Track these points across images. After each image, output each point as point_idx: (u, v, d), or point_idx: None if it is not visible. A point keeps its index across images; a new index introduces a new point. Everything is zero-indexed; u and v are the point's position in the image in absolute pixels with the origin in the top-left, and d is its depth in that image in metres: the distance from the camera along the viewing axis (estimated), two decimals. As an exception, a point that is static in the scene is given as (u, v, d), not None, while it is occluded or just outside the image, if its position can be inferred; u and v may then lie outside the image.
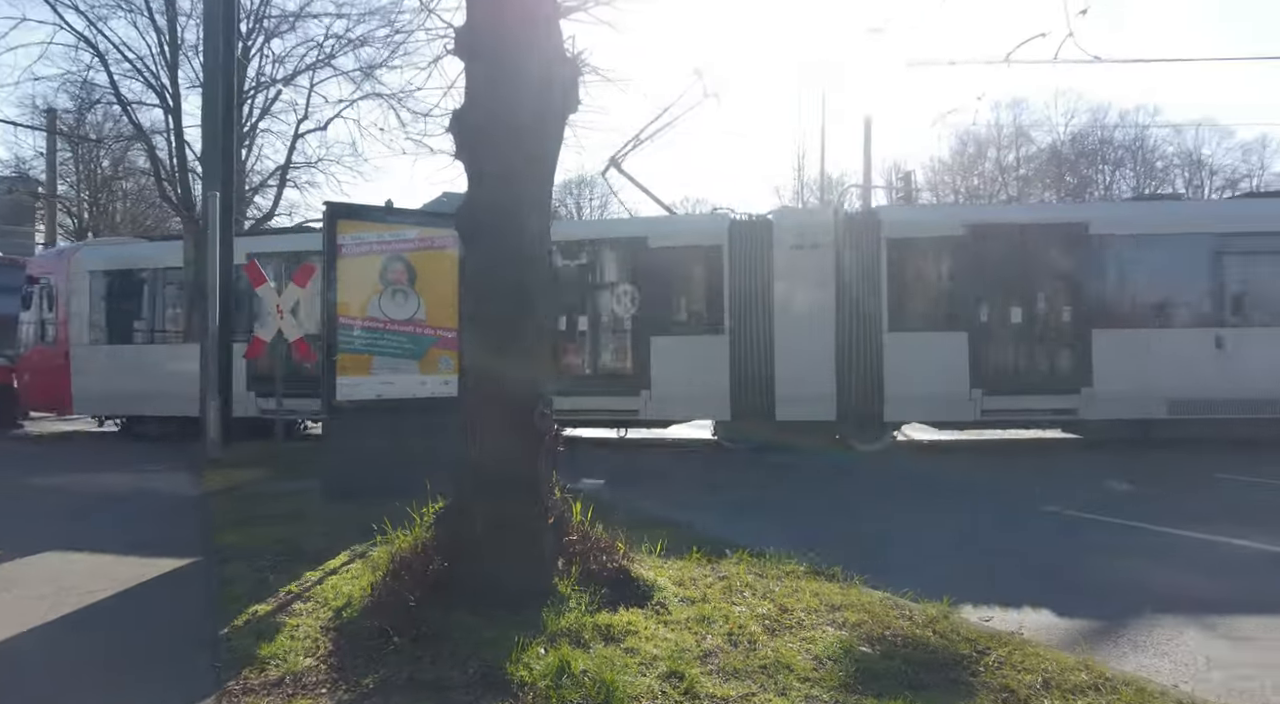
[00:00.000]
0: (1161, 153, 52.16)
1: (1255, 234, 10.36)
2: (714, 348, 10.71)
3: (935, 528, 6.69)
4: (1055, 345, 10.47)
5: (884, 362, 10.46)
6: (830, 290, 10.57)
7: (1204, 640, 4.00)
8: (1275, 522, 6.61)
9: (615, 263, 11.28)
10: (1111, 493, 8.01)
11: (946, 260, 10.81)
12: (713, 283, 10.91)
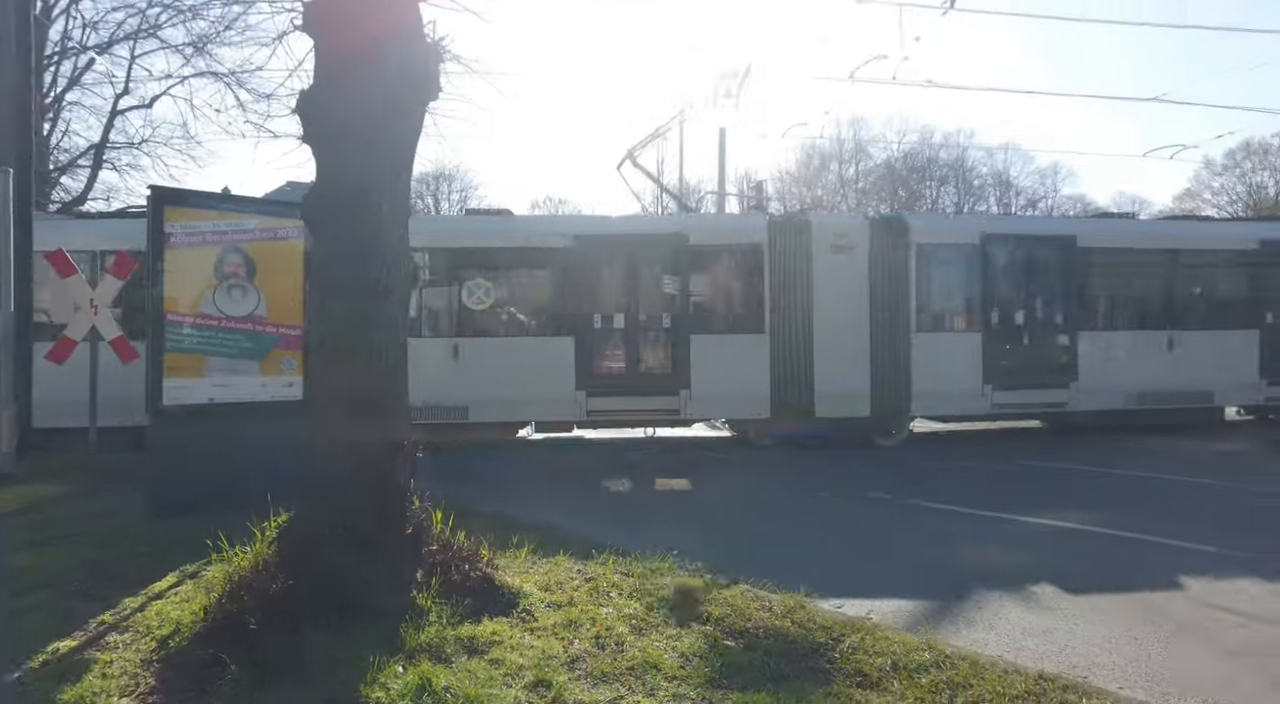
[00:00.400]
0: (978, 172, 58.00)
1: (1201, 251, 12.22)
2: (754, 347, 10.78)
3: (787, 515, 7.02)
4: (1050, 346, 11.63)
5: (911, 360, 10.91)
6: (865, 292, 10.89)
7: (1020, 612, 4.44)
8: (1078, 503, 7.48)
9: (654, 260, 11.08)
10: (942, 481, 8.76)
11: (964, 266, 11.40)
12: (753, 281, 10.93)
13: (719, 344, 10.78)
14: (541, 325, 10.90)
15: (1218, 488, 8.15)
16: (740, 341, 10.82)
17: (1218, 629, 4.17)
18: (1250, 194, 53.40)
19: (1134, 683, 3.51)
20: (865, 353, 10.92)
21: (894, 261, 11.00)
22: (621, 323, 10.81)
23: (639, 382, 10.84)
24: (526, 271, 11.16)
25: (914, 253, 11.06)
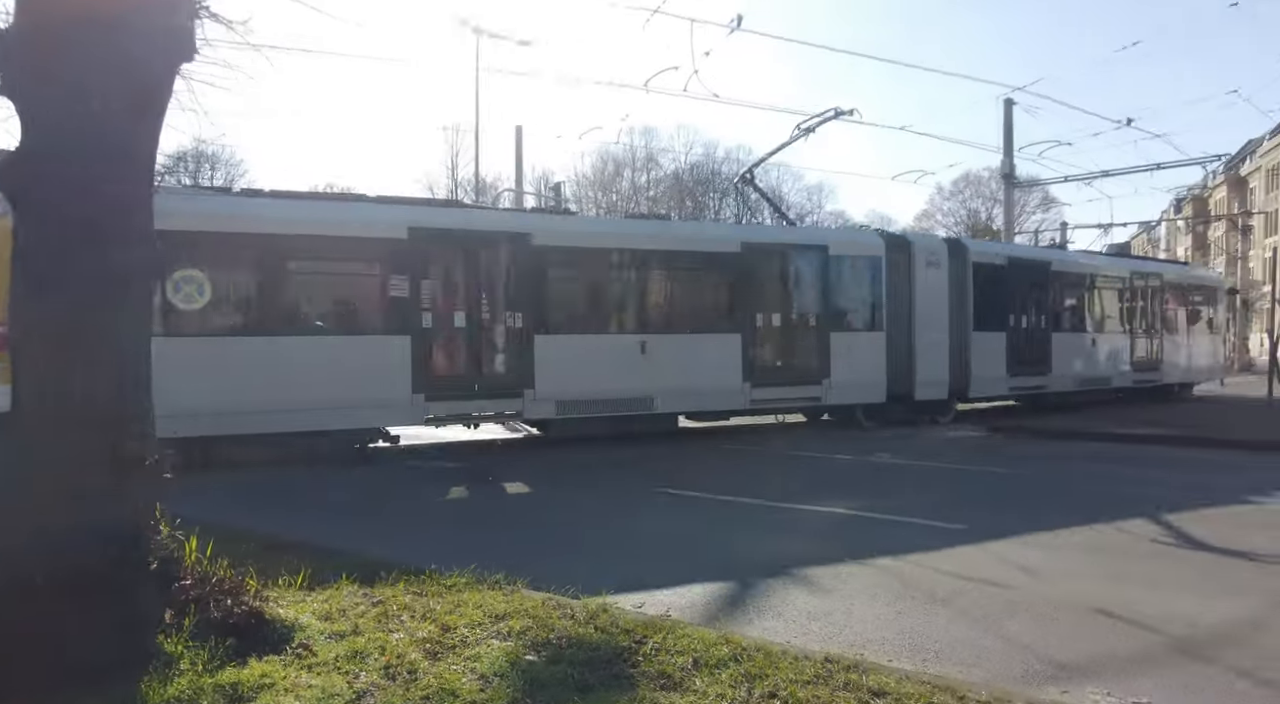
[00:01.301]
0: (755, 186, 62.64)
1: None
2: (875, 343, 13.33)
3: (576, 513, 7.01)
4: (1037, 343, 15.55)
5: (970, 354, 14.21)
6: (945, 299, 13.98)
7: (805, 597, 4.74)
8: (832, 489, 8.24)
9: (801, 267, 13.14)
10: (707, 473, 9.24)
11: (995, 281, 14.84)
12: (874, 288, 13.44)
13: (850, 341, 13.16)
14: (712, 324, 12.41)
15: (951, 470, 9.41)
16: (864, 338, 13.37)
17: (965, 598, 4.74)
18: (969, 217, 62.94)
19: (900, 654, 3.86)
20: (945, 348, 14.02)
21: (958, 276, 14.23)
22: (778, 322, 12.85)
23: (792, 373, 12.98)
24: (702, 274, 12.62)
25: (971, 270, 14.40)
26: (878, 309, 13.47)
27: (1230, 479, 8.70)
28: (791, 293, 13.16)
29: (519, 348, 10.78)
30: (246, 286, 9.80)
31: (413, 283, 10.14)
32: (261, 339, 9.45)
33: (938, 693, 3.17)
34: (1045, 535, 6.19)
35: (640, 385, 11.47)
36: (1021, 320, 15.24)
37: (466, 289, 10.72)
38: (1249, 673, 3.66)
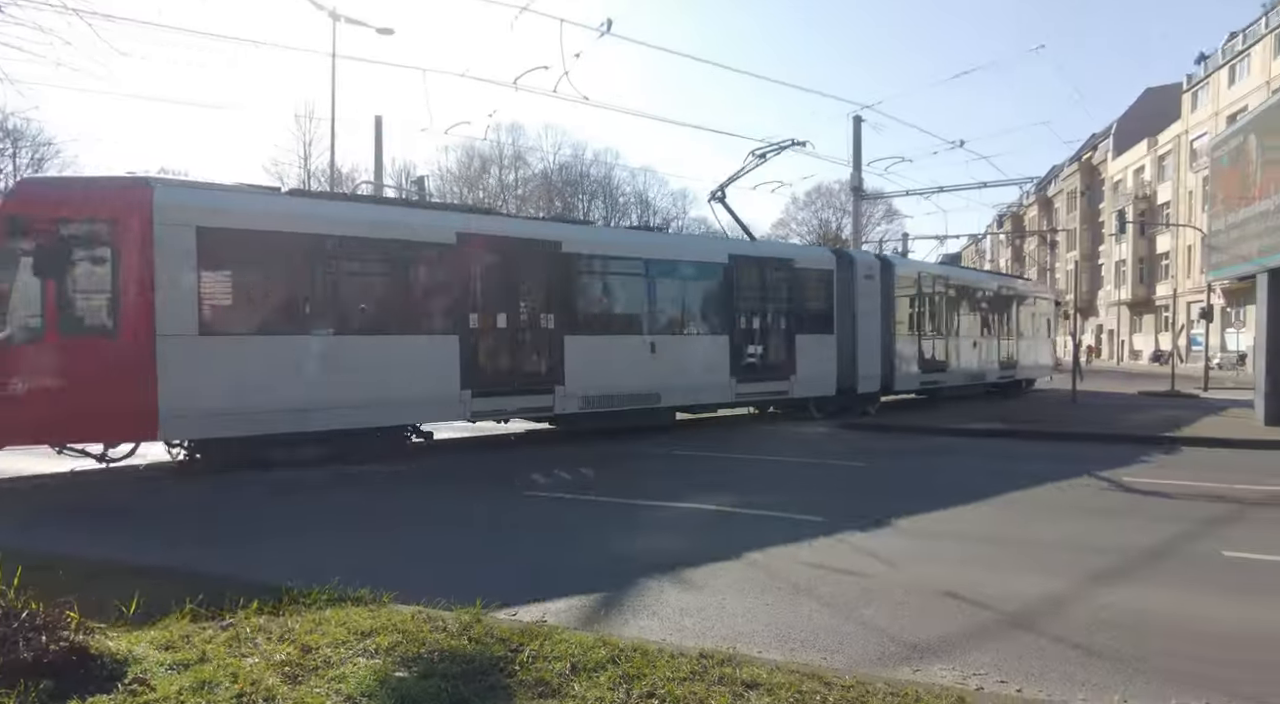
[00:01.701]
0: (622, 190, 63.45)
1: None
2: (828, 344, 15.40)
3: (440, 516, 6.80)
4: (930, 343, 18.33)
5: (895, 354, 16.72)
6: (878, 307, 16.35)
7: (678, 594, 4.83)
8: (704, 487, 8.48)
9: (774, 278, 14.85)
10: (581, 476, 9.28)
11: (910, 292, 17.71)
12: (827, 297, 15.55)
13: (809, 342, 15.06)
14: (706, 327, 13.85)
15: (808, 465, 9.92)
16: (819, 340, 15.26)
17: (826, 587, 5.00)
18: (821, 227, 66.75)
19: (770, 645, 4.02)
20: (878, 349, 16.26)
21: (887, 288, 16.66)
22: (758, 325, 14.56)
23: (769, 371, 14.58)
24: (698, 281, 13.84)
25: (896, 282, 17.00)
26: (829, 315, 15.62)
27: (1052, 466, 9.73)
28: (768, 300, 14.82)
29: (551, 347, 11.64)
30: (298, 286, 9.68)
31: (460, 286, 10.79)
32: (325, 339, 9.59)
33: (806, 680, 3.32)
34: (895, 524, 6.65)
35: (650, 382, 12.65)
36: (928, 326, 18.23)
37: (506, 292, 11.34)
38: (1062, 638, 4.10)
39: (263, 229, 9.28)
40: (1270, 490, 8.32)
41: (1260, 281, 13.69)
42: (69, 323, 8.43)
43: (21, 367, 8.14)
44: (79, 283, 8.61)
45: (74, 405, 8.10)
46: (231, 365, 8.90)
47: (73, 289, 8.54)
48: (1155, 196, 49.59)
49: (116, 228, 8.54)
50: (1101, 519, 7.00)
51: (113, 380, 8.35)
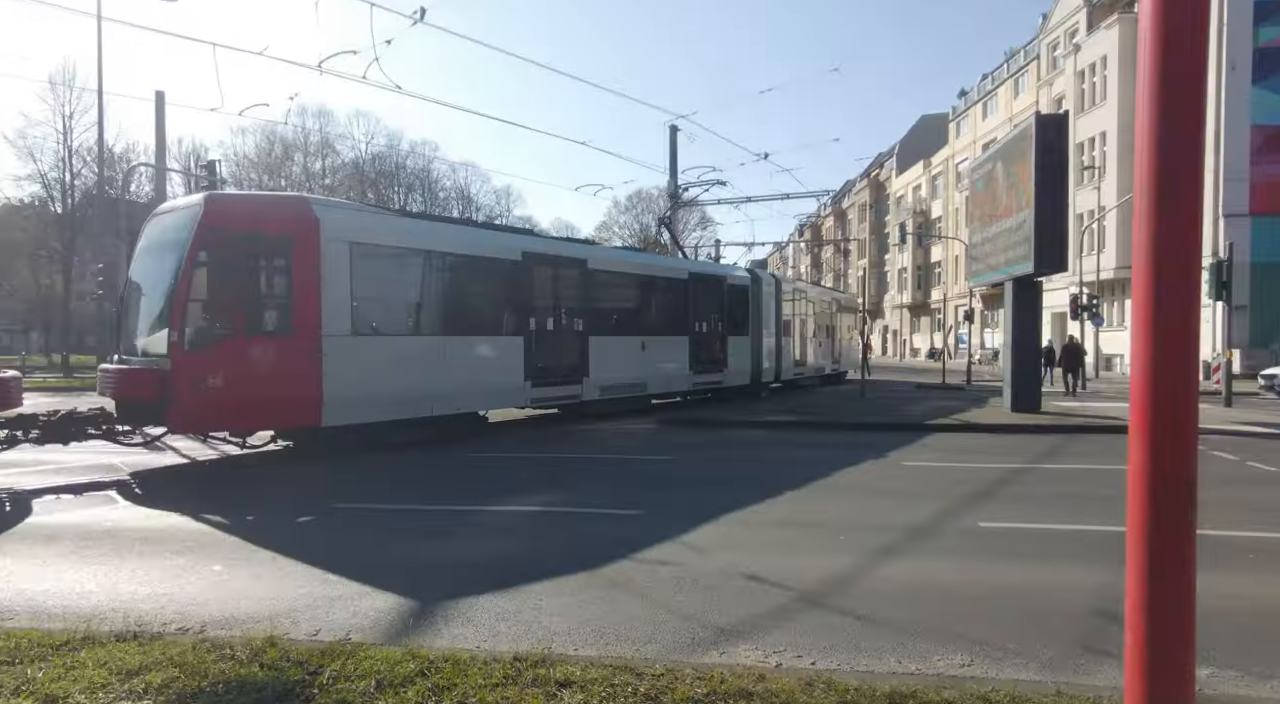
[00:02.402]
0: (442, 185, 61.43)
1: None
2: (745, 343, 19.66)
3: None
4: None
5: (762, 350, 20.38)
6: (773, 314, 21.00)
7: (493, 599, 4.73)
8: (521, 488, 8.42)
9: (714, 290, 18.80)
10: (387, 483, 8.90)
11: (787, 302, 22.10)
12: (745, 305, 19.82)
13: (736, 342, 19.37)
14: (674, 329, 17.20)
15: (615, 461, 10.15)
16: (743, 340, 19.62)
17: (641, 579, 5.13)
18: (641, 231, 68.65)
19: (586, 642, 4.05)
20: (775, 347, 21.19)
21: (777, 297, 21.27)
22: (704, 328, 18.28)
23: (712, 365, 18.49)
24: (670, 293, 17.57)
25: (778, 293, 21.27)
26: (748, 321, 19.71)
27: (843, 453, 10.67)
28: (711, 309, 18.48)
29: (581, 346, 14.35)
30: (416, 294, 11.71)
31: (524, 295, 13.24)
32: (429, 339, 11.59)
33: (619, 673, 3.38)
34: (706, 514, 6.97)
35: (640, 374, 15.88)
36: (796, 329, 22.87)
37: (553, 300, 13.96)
38: (849, 611, 4.51)
39: (394, 244, 11.28)
40: (1015, 468, 9.69)
41: (1007, 288, 15.93)
42: (253, 323, 9.69)
43: (217, 363, 9.16)
44: (261, 288, 9.94)
45: (258, 396, 9.41)
46: (373, 361, 10.56)
47: (257, 293, 9.86)
48: (930, 212, 56.11)
49: (293, 242, 9.84)
50: (884, 499, 7.79)
51: (288, 374, 9.65)
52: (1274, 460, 10.10)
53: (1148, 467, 1.15)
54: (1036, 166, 14.06)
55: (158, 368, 9.00)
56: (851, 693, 3.27)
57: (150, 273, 9.84)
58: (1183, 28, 0.96)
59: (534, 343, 13.23)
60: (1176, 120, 0.95)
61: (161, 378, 8.89)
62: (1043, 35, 41.32)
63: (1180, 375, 1.05)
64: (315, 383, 9.82)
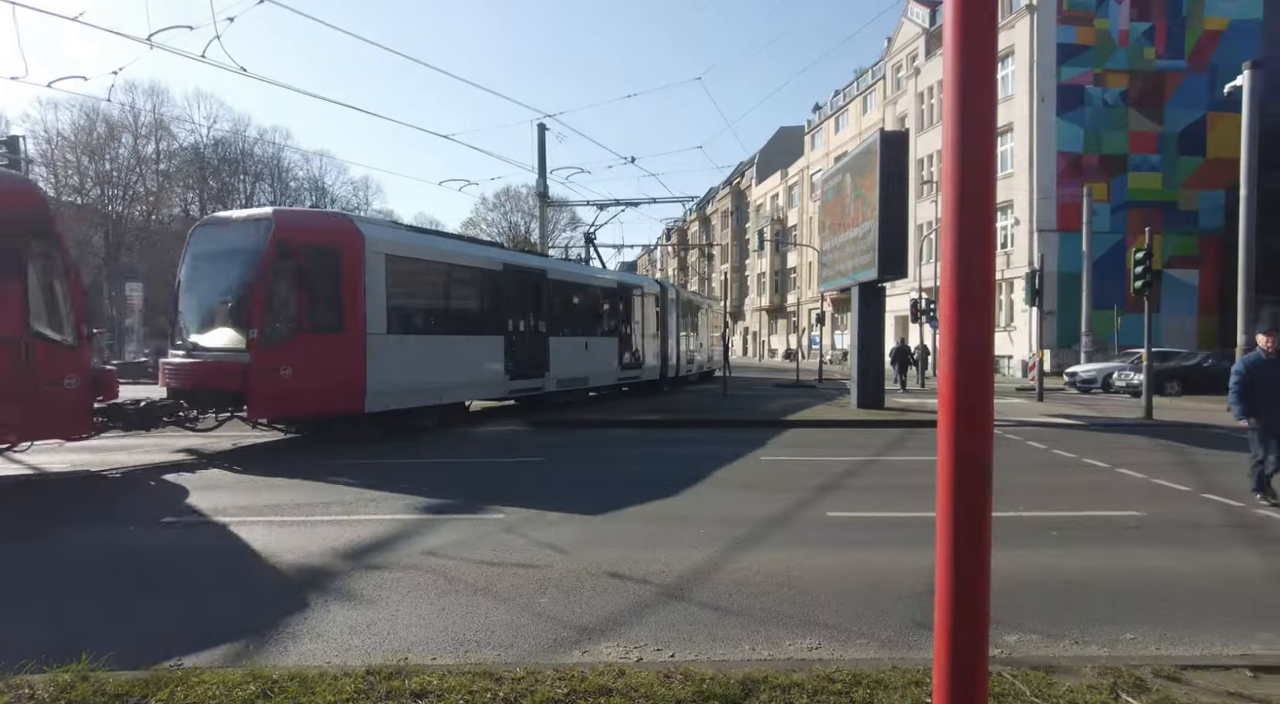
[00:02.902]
0: (294, 175, 57.77)
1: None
2: (658, 343, 22.94)
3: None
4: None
5: (667, 350, 23.53)
6: (674, 318, 24.27)
7: (346, 611, 4.51)
8: (380, 496, 8.07)
9: (637, 298, 21.74)
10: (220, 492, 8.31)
11: (677, 307, 24.89)
12: (657, 312, 22.97)
13: (652, 342, 22.37)
14: (607, 331, 19.93)
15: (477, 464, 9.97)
16: (656, 341, 22.71)
17: (504, 583, 5.05)
18: (510, 229, 67.73)
19: (445, 650, 3.94)
20: (673, 345, 24.04)
21: (673, 304, 24.20)
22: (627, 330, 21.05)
23: (634, 362, 21.35)
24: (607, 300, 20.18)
25: (673, 299, 24.27)
26: (660, 324, 22.93)
27: (704, 449, 11.00)
28: (634, 313, 21.25)
29: (544, 345, 16.45)
30: (431, 299, 13.86)
31: (504, 300, 15.19)
32: (440, 337, 13.58)
33: (477, 680, 3.32)
34: (571, 514, 6.98)
35: (585, 370, 18.21)
36: (684, 329, 25.39)
37: (523, 305, 15.77)
38: (708, 603, 4.67)
39: (417, 257, 13.19)
40: (861, 460, 10.39)
41: (854, 293, 17.05)
42: (314, 323, 11.18)
43: (288, 357, 10.69)
44: (320, 292, 11.31)
45: (318, 386, 11.00)
46: (402, 356, 12.32)
47: (317, 297, 11.25)
48: (787, 219, 59.04)
49: (343, 253, 11.52)
50: (743, 493, 8.11)
51: (340, 366, 11.36)
52: (1075, 448, 11.42)
53: (952, 452, 1.28)
54: (880, 180, 15.14)
55: (239, 361, 10.43)
56: (708, 682, 3.38)
57: (215, 276, 11.12)
58: (977, 63, 1.08)
59: (512, 342, 15.31)
60: (974, 143, 1.06)
61: (244, 369, 10.36)
62: (887, 58, 44.58)
63: (977, 370, 1.18)
64: (361, 374, 11.61)
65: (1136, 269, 15.73)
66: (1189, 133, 32.22)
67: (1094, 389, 23.76)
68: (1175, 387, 21.75)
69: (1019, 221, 32.37)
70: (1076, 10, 31.72)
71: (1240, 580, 5.21)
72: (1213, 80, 30.81)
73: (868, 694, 3.29)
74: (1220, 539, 6.31)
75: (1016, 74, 32.61)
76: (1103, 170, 31.69)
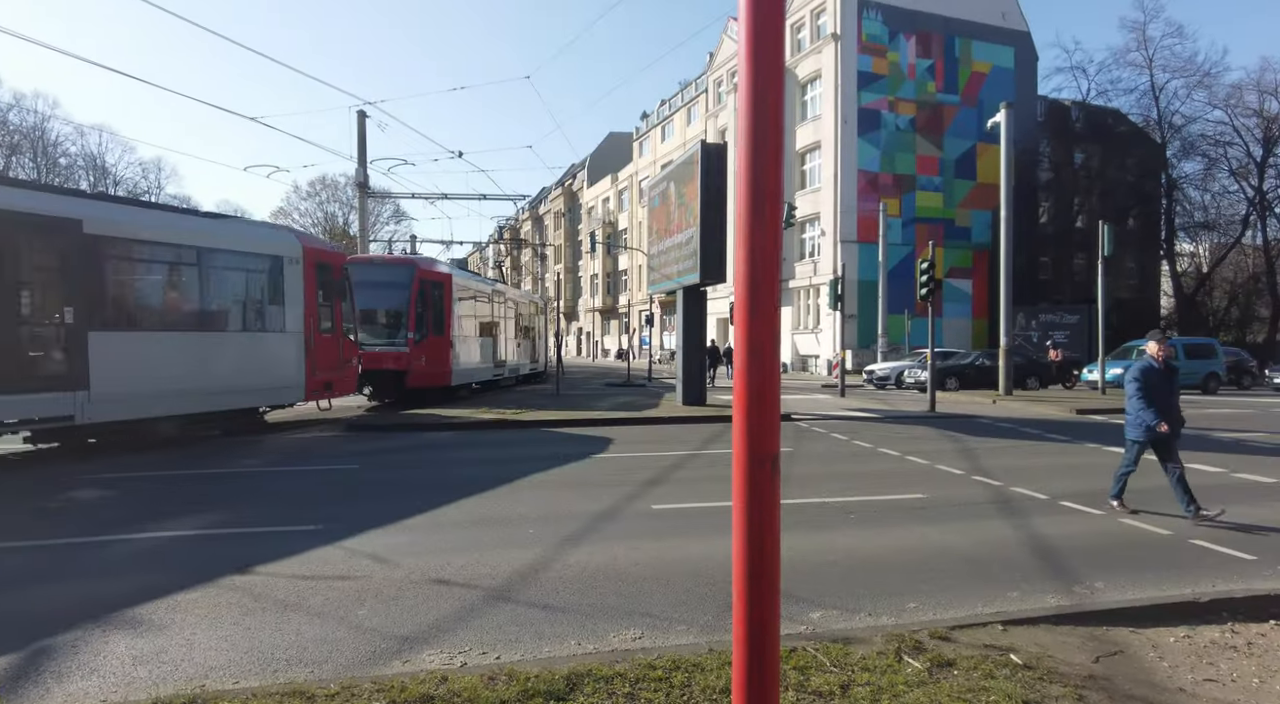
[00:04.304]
0: (65, 150, 50.63)
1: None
2: (527, 346, 28.44)
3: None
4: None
5: (535, 348, 29.91)
6: (541, 321, 31.83)
7: (128, 641, 4.04)
8: (176, 511, 7.31)
9: (528, 308, 28.90)
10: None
11: (531, 311, 30.51)
12: (532, 317, 30.68)
13: (538, 343, 30.84)
14: (522, 333, 27.78)
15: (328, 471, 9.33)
16: (537, 342, 30.30)
17: (318, 597, 4.76)
18: (326, 220, 63.53)
19: (250, 673, 3.65)
20: (543, 346, 32.44)
21: (536, 309, 30.93)
22: (530, 333, 29.74)
23: (531, 359, 29.11)
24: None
25: (537, 305, 30.85)
26: (534, 327, 27.57)
27: (533, 449, 10.96)
28: (529, 318, 27.65)
29: (502, 343, 24.51)
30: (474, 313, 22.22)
31: (484, 312, 22.41)
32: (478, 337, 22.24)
33: (287, 700, 3.12)
34: (393, 522, 6.71)
35: (515, 361, 25.34)
36: (539, 333, 29.82)
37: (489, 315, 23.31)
38: (535, 602, 4.69)
39: (469, 286, 21.19)
40: (684, 454, 10.85)
41: (679, 296, 17.75)
42: (434, 329, 18.38)
43: (424, 351, 17.92)
44: (433, 310, 18.41)
45: (435, 369, 18.46)
46: (467, 349, 20.43)
47: (432, 313, 18.34)
48: (618, 223, 60.18)
49: (444, 286, 18.94)
50: (572, 491, 8.19)
51: (442, 357, 18.70)
52: (871, 438, 12.65)
53: (744, 443, 1.40)
54: (701, 189, 15.88)
55: (403, 352, 17.30)
56: (533, 680, 3.40)
57: (378, 300, 17.55)
58: (764, 82, 1.21)
59: (493, 340, 22.35)
60: (761, 157, 1.18)
61: (408, 357, 17.34)
62: (710, 71, 46.78)
63: (768, 373, 1.31)
64: (449, 363, 18.94)
65: (922, 278, 17.68)
66: (963, 159, 36.74)
67: (889, 385, 26.40)
68: (954, 382, 24.67)
69: (825, 233, 35.25)
70: (873, 43, 35.10)
71: (1000, 548, 6.04)
72: (980, 115, 35.37)
73: (686, 678, 3.47)
74: (986, 515, 7.27)
75: (824, 96, 35.49)
76: (896, 188, 35.31)
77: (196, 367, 11.49)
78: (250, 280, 12.63)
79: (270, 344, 12.92)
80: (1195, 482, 9.00)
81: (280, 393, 13.27)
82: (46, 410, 9.57)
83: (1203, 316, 41.69)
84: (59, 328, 9.84)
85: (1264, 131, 38.88)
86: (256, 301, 12.78)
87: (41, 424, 9.62)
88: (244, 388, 12.46)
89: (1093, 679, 3.67)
